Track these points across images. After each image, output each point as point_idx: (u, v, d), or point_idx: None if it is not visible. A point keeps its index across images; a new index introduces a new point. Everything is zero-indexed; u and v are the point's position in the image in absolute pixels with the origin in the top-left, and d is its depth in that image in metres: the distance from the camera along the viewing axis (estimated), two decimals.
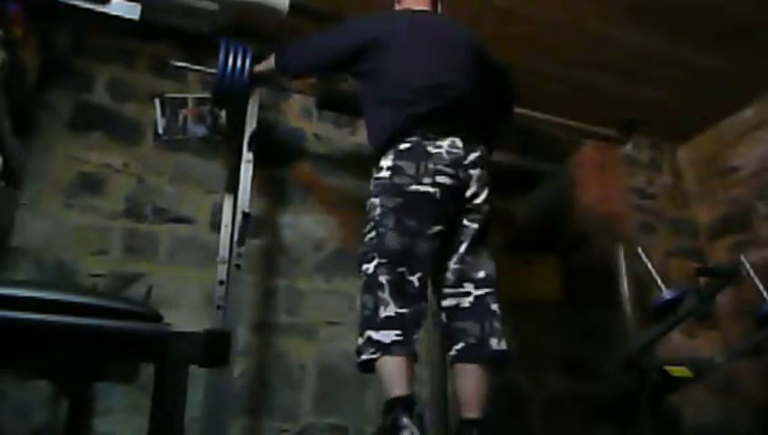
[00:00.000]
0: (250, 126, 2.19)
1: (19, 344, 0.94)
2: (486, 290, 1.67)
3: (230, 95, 2.17)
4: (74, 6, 2.11)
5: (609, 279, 2.88)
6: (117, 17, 2.16)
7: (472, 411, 1.52)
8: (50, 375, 1.66)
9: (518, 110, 2.58)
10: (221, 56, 2.11)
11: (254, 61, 2.15)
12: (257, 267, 2.36)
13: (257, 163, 2.15)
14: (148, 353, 1.03)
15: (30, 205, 2.14)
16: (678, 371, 2.25)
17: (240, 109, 2.23)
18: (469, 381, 1.57)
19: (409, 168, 1.63)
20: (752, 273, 2.46)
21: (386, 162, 1.68)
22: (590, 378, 2.66)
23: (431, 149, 1.64)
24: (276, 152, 2.59)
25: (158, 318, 1.10)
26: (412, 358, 1.52)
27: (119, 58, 2.48)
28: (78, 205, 2.22)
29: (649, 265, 2.55)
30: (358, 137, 2.73)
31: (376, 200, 1.67)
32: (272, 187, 2.53)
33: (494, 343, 1.59)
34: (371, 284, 1.59)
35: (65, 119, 2.31)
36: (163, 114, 2.44)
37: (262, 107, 2.28)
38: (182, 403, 0.95)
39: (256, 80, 2.17)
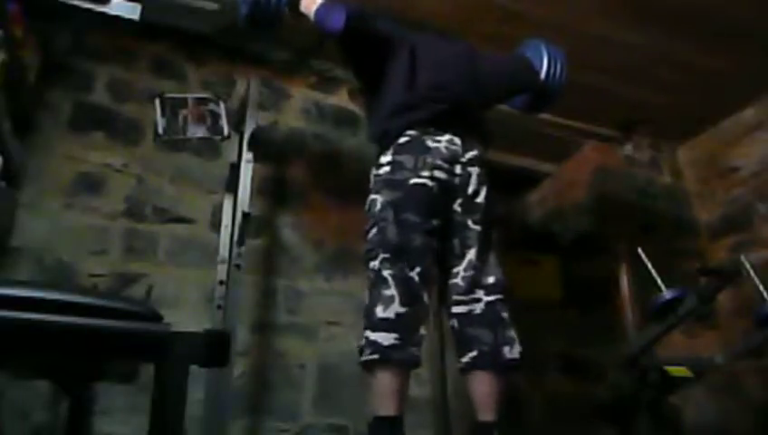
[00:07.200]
0: (250, 126, 2.20)
1: (19, 344, 0.94)
2: (496, 296, 1.69)
3: (270, 12, 1.84)
4: (74, 6, 2.12)
5: (609, 279, 2.88)
6: (117, 17, 2.16)
7: (488, 414, 1.56)
8: (50, 375, 1.66)
9: None
10: None
11: None
12: (257, 267, 2.36)
13: (257, 163, 2.15)
14: (149, 353, 1.03)
15: (30, 205, 2.14)
16: (678, 371, 2.25)
17: (270, 31, 1.95)
18: (484, 387, 1.60)
19: (408, 161, 1.66)
20: (752, 273, 2.46)
21: (385, 158, 1.72)
22: (590, 378, 2.66)
23: (430, 144, 1.68)
24: (276, 152, 2.59)
25: (158, 318, 1.10)
26: (410, 365, 1.53)
27: (119, 58, 2.48)
28: (78, 205, 2.22)
29: (649, 265, 2.54)
30: (358, 137, 2.73)
31: (376, 196, 1.70)
32: (272, 187, 2.53)
33: (506, 350, 1.62)
34: (376, 280, 1.60)
35: (65, 119, 2.31)
36: (163, 114, 2.44)
37: (262, 107, 2.28)
38: (182, 403, 0.95)
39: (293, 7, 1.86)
